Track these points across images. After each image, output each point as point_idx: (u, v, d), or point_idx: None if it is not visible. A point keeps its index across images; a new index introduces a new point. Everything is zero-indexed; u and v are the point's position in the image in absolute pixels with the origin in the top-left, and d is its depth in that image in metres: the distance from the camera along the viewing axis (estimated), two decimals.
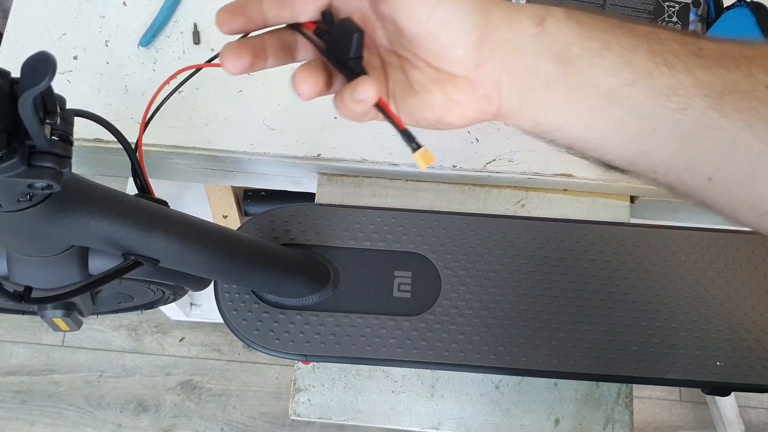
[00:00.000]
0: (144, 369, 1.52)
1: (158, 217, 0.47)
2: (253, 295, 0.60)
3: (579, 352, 0.59)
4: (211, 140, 0.67)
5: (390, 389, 0.66)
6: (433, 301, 0.61)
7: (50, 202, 0.39)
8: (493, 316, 0.60)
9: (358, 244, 0.62)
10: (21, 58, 0.30)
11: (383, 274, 0.62)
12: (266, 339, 0.59)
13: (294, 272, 0.58)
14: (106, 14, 0.72)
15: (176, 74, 0.59)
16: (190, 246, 0.48)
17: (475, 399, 0.66)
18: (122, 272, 0.47)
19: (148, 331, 1.54)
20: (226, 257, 0.51)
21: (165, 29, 0.71)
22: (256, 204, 1.12)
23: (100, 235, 0.44)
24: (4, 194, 0.36)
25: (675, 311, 0.61)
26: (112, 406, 1.49)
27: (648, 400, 1.48)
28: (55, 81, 0.31)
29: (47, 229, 0.41)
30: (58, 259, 0.47)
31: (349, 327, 0.60)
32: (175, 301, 0.73)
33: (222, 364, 1.52)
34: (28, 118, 0.31)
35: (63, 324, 0.55)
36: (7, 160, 0.32)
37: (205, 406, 1.48)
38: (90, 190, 0.43)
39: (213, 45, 0.71)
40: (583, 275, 0.62)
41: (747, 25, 0.59)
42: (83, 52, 0.71)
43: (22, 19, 0.72)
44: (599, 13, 0.35)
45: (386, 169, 0.67)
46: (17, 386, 1.50)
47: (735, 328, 0.60)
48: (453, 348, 0.59)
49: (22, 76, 0.30)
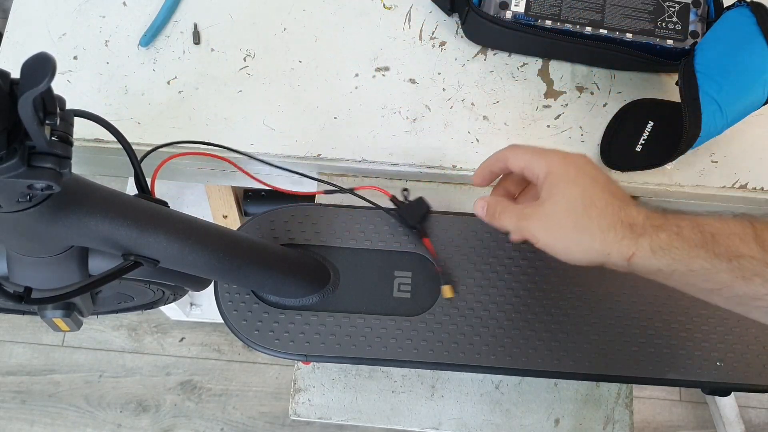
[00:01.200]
0: (144, 369, 1.52)
1: (158, 217, 0.47)
2: (253, 295, 0.60)
3: (579, 352, 0.59)
4: (211, 140, 0.67)
5: (390, 389, 0.66)
6: (433, 301, 0.61)
7: (50, 202, 0.39)
8: (493, 317, 0.60)
9: (358, 244, 0.62)
10: (21, 58, 0.30)
11: (383, 274, 0.62)
12: (266, 339, 0.59)
13: (294, 272, 0.58)
14: (106, 14, 0.72)
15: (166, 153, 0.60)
16: (190, 246, 0.48)
17: (475, 399, 0.66)
18: (122, 272, 0.47)
19: (148, 331, 1.54)
20: (226, 257, 0.51)
21: (165, 29, 0.71)
22: (256, 204, 1.12)
23: (100, 235, 0.44)
24: (4, 195, 0.36)
25: (675, 311, 0.61)
26: (112, 406, 1.49)
27: (648, 400, 1.48)
28: (55, 81, 0.31)
29: (47, 229, 0.41)
30: (58, 259, 0.47)
31: (349, 327, 0.60)
32: (175, 301, 0.73)
33: (222, 364, 1.52)
34: (28, 118, 0.31)
35: (63, 324, 0.55)
36: (7, 160, 0.32)
37: (205, 406, 1.49)
38: (90, 190, 0.43)
39: (213, 45, 0.71)
40: (583, 275, 0.62)
41: (747, 26, 0.59)
42: (83, 52, 0.71)
43: (22, 19, 0.72)
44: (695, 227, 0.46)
45: (386, 169, 0.67)
46: (17, 386, 1.50)
47: (735, 328, 0.60)
48: (453, 348, 0.59)
49: (21, 77, 0.30)
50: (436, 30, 0.71)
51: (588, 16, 0.66)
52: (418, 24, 0.71)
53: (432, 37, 0.71)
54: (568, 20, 0.66)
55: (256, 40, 0.71)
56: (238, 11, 0.72)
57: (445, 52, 0.70)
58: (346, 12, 0.72)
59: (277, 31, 0.71)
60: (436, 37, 0.71)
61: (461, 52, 0.70)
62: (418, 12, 0.72)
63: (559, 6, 0.66)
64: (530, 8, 0.66)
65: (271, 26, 0.71)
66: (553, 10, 0.66)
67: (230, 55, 0.70)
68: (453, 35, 0.71)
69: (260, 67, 0.70)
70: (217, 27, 0.71)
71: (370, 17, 0.72)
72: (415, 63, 0.70)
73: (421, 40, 0.71)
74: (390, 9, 0.72)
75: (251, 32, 0.71)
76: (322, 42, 0.71)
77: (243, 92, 0.69)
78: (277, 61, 0.70)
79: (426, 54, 0.70)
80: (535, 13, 0.66)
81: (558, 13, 0.66)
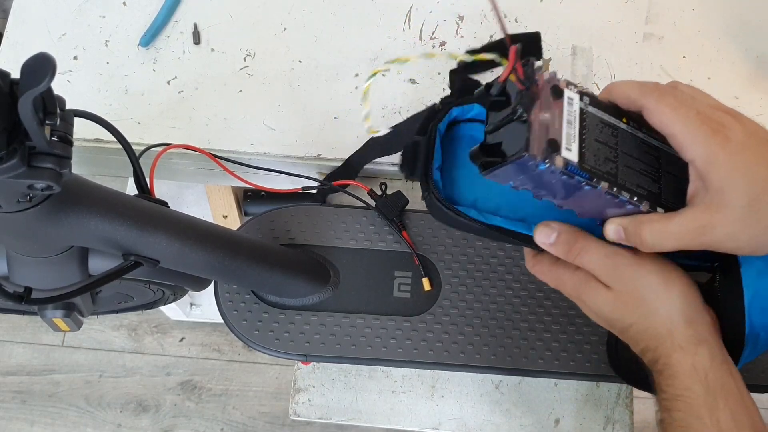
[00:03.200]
0: (144, 369, 1.52)
1: (158, 217, 0.47)
2: (253, 295, 0.60)
3: (579, 352, 0.59)
4: (211, 140, 0.67)
5: (390, 389, 0.66)
6: (433, 301, 0.61)
7: (50, 202, 0.39)
8: (493, 316, 0.60)
9: (358, 244, 0.62)
10: (21, 58, 0.30)
11: (383, 274, 0.62)
12: (266, 339, 0.59)
13: (294, 272, 0.58)
14: (106, 14, 0.72)
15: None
16: (190, 246, 0.48)
17: (475, 399, 0.66)
18: (122, 272, 0.47)
19: (148, 331, 1.54)
20: (226, 257, 0.51)
21: (165, 29, 0.71)
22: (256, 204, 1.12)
23: (100, 235, 0.44)
24: (4, 195, 0.36)
25: None
26: (112, 406, 1.49)
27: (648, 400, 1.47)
28: (55, 81, 0.31)
29: (47, 229, 0.41)
30: (58, 259, 0.47)
31: (349, 327, 0.60)
32: (175, 301, 0.73)
33: (222, 364, 1.52)
34: (28, 119, 0.31)
35: (63, 324, 0.55)
36: (7, 161, 0.32)
37: (205, 406, 1.48)
38: (90, 190, 0.43)
39: (213, 45, 0.71)
40: None
41: None
42: (83, 52, 0.71)
43: (22, 19, 0.72)
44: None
45: (386, 169, 0.67)
46: (17, 386, 1.50)
47: None
48: (453, 348, 0.59)
49: (21, 77, 0.30)
50: (436, 30, 0.71)
51: (645, 185, 0.42)
52: (418, 24, 0.71)
53: (432, 37, 0.71)
54: (625, 187, 0.41)
55: (256, 40, 0.71)
56: (238, 11, 0.72)
57: (445, 52, 0.70)
58: (346, 12, 0.72)
59: (277, 31, 0.71)
60: (436, 37, 0.71)
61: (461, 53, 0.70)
62: (418, 12, 0.72)
63: (615, 162, 0.41)
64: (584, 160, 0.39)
65: (271, 26, 0.71)
66: (609, 167, 0.40)
67: (230, 55, 0.70)
68: (453, 35, 0.71)
69: (260, 67, 0.70)
70: (217, 27, 0.71)
71: (370, 17, 0.72)
72: (415, 63, 0.70)
73: (421, 40, 0.71)
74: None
75: (251, 32, 0.71)
76: (322, 42, 0.71)
77: (243, 92, 0.69)
78: (277, 61, 0.70)
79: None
80: (590, 167, 0.39)
81: (615, 173, 0.40)
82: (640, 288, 0.43)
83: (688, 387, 0.41)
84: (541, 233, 0.45)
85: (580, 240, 0.44)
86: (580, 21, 0.70)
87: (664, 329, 0.43)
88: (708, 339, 0.43)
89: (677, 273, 0.44)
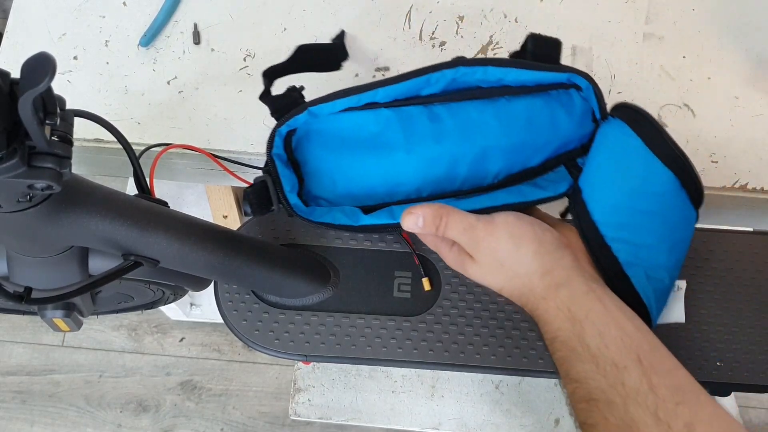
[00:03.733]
0: (144, 369, 1.52)
1: (158, 217, 0.47)
2: (253, 296, 0.60)
3: None
4: (211, 140, 0.67)
5: (390, 389, 0.66)
6: (433, 301, 0.61)
7: (50, 202, 0.39)
8: (494, 316, 0.60)
9: (358, 244, 0.62)
10: (21, 58, 0.30)
11: (383, 274, 0.62)
12: (266, 339, 0.59)
13: (294, 272, 0.58)
14: (106, 14, 0.72)
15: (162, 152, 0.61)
16: (190, 246, 0.48)
17: (475, 399, 0.66)
18: (122, 272, 0.47)
19: (148, 331, 1.54)
20: (226, 257, 0.51)
21: (165, 29, 0.71)
22: None
23: (100, 235, 0.44)
24: (4, 195, 0.36)
25: None
26: (112, 406, 1.49)
27: None
28: (55, 81, 0.31)
29: (47, 229, 0.41)
30: (58, 259, 0.47)
31: (349, 327, 0.60)
32: (175, 301, 0.73)
33: (222, 364, 1.52)
34: (28, 118, 0.31)
35: (63, 324, 0.55)
36: (7, 160, 0.32)
37: (205, 406, 1.49)
38: (90, 190, 0.43)
39: (213, 45, 0.71)
40: None
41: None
42: (83, 52, 0.71)
43: (22, 19, 0.72)
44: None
45: None
46: (17, 386, 1.50)
47: (735, 328, 0.60)
48: (453, 348, 0.59)
49: (21, 77, 0.30)
50: (436, 30, 0.71)
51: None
52: (418, 24, 0.71)
53: (432, 37, 0.71)
54: None
55: (256, 40, 0.71)
56: (238, 11, 0.72)
57: (445, 52, 0.70)
58: (346, 12, 0.72)
59: (277, 31, 0.71)
60: (436, 37, 0.71)
61: (461, 53, 0.70)
62: (418, 12, 0.72)
63: None
64: None
65: (271, 26, 0.71)
66: None
67: (230, 55, 0.70)
68: (453, 35, 0.71)
69: (260, 67, 0.70)
70: (217, 27, 0.71)
71: (370, 17, 0.72)
72: (415, 63, 0.70)
73: (421, 40, 0.71)
74: None
75: (251, 32, 0.71)
76: (322, 42, 0.71)
77: (243, 92, 0.69)
78: (277, 61, 0.70)
79: (426, 54, 0.70)
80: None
81: None
82: (497, 255, 0.49)
83: (559, 327, 0.47)
84: (407, 221, 0.48)
85: (443, 217, 0.48)
86: (579, 21, 0.70)
87: (526, 288, 0.49)
88: (567, 280, 0.47)
89: (527, 229, 0.49)
